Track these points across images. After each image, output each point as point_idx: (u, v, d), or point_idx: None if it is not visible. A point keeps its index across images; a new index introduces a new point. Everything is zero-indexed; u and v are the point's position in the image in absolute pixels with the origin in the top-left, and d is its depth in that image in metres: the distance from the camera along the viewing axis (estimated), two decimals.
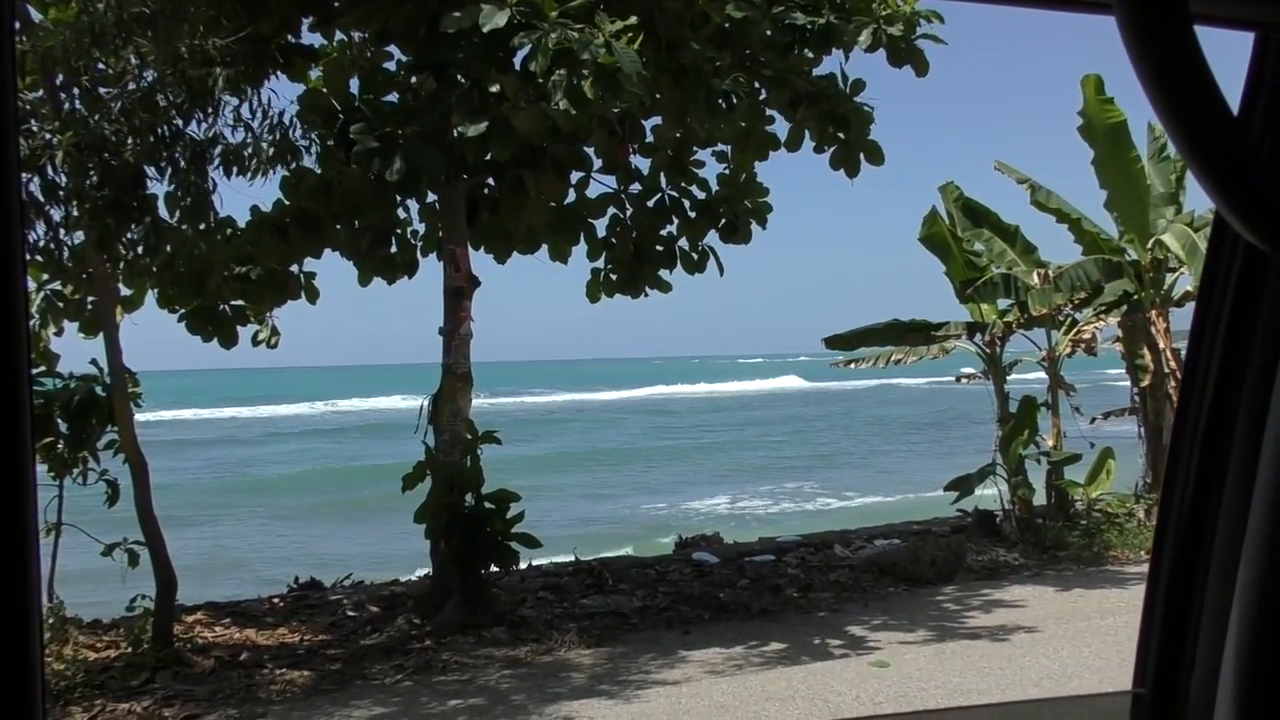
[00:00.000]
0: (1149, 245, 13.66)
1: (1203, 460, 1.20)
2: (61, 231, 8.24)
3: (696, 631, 10.53)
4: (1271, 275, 1.14)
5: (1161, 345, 13.68)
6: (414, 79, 9.04)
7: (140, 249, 8.72)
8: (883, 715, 7.98)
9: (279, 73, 9.16)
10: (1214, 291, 1.24)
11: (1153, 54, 0.81)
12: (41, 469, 9.92)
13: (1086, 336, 14.28)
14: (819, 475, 30.72)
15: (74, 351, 10.21)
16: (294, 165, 9.17)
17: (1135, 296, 13.60)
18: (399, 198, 10.18)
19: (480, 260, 11.52)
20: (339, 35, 9.54)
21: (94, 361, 9.97)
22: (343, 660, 9.79)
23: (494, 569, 11.15)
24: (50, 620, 9.68)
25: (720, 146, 11.47)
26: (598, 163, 11.22)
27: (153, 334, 10.42)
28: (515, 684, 9.25)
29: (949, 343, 14.26)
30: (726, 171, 11.66)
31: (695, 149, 11.44)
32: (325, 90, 9.23)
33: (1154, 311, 13.79)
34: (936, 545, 12.73)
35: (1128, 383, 14.71)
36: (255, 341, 10.58)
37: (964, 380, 15.20)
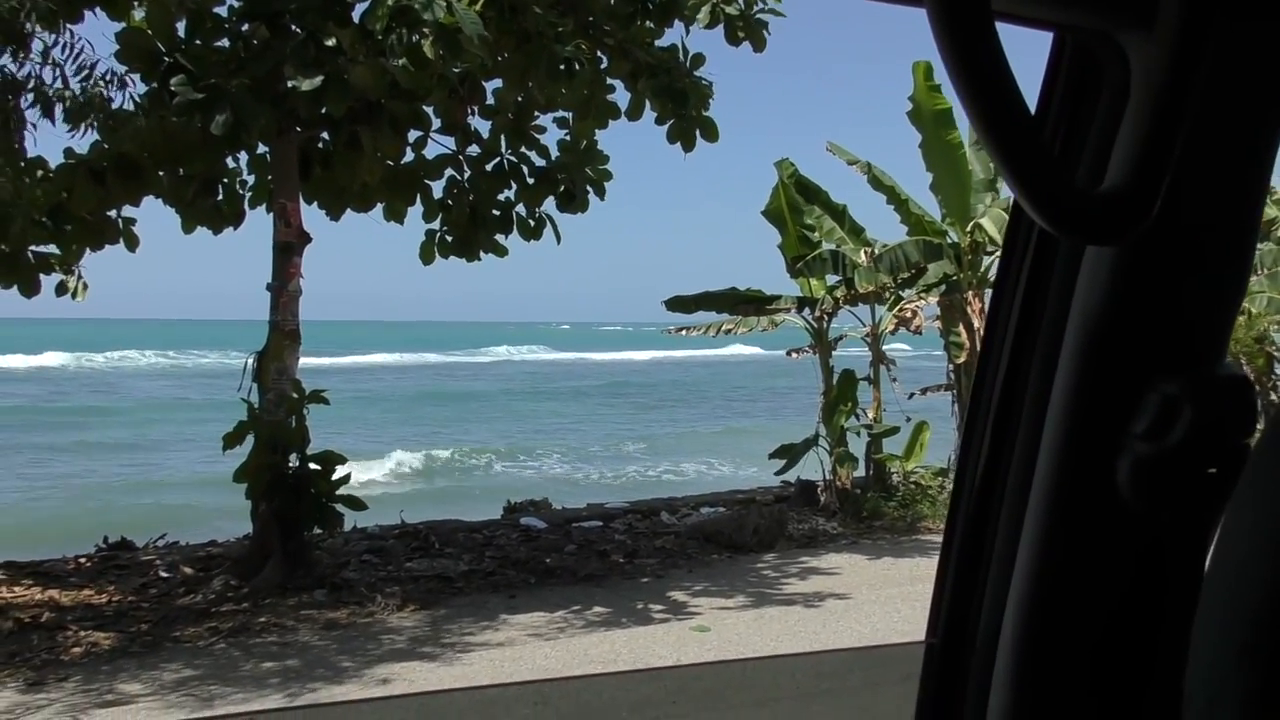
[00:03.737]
0: (969, 229, 14.24)
1: (994, 433, 1.29)
2: None
3: (521, 596, 10.59)
4: (1060, 260, 1.23)
5: (976, 325, 14.30)
6: (245, 26, 8.71)
7: None
8: (702, 663, 8.22)
9: (99, 9, 8.69)
10: (1009, 273, 1.32)
11: (958, 49, 0.86)
12: None
13: (908, 315, 14.82)
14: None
15: None
16: (111, 111, 8.73)
17: (954, 278, 14.16)
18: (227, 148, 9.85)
19: (315, 216, 11.23)
20: None
21: None
22: (152, 622, 9.50)
23: (317, 531, 10.98)
24: None
25: (562, 113, 11.43)
26: (436, 123, 11.04)
27: None
28: (334, 646, 9.15)
29: (779, 315, 14.60)
30: (567, 139, 11.63)
31: (536, 114, 11.37)
32: (149, 30, 8.82)
33: (970, 292, 14.40)
34: (760, 514, 13.07)
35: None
36: (60, 291, 10.08)
37: (794, 354, 15.57)
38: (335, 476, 10.76)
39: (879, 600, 10.34)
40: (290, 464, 10.69)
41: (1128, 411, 1.11)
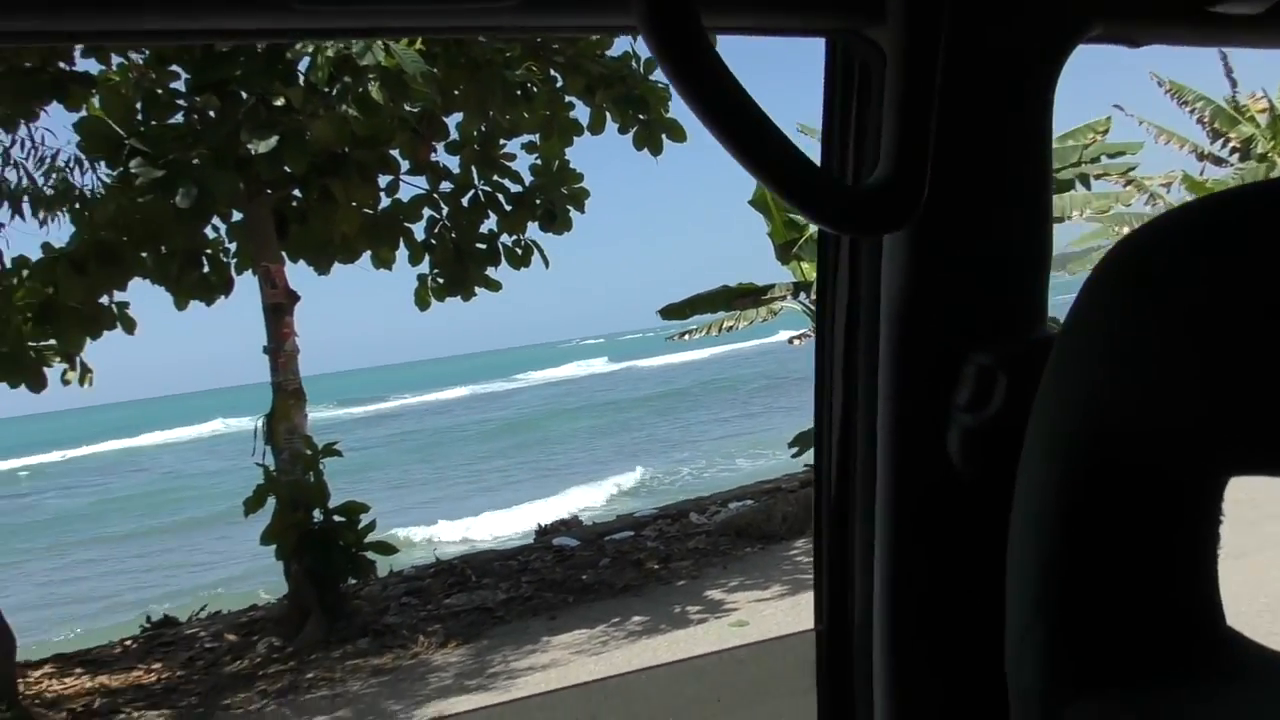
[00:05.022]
0: None
1: (843, 422, 1.34)
2: None
3: (562, 616, 10.66)
4: (866, 250, 1.28)
5: None
6: (196, 99, 8.85)
7: None
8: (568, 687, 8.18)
9: (55, 102, 8.85)
10: (827, 265, 1.38)
11: (681, 74, 0.89)
12: None
13: None
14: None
15: None
16: (80, 198, 8.89)
17: None
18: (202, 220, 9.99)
19: (303, 272, 11.36)
20: (116, 59, 9.24)
21: None
22: (203, 693, 9.63)
23: (351, 581, 11.09)
24: None
25: (528, 137, 11.53)
26: (405, 165, 11.16)
27: None
28: (382, 691, 9.26)
29: (776, 304, 14.59)
30: (538, 162, 11.72)
31: (502, 142, 11.46)
32: (106, 118, 8.97)
33: None
34: (786, 501, 13.09)
35: None
36: (65, 381, 10.25)
37: (795, 341, 15.54)
38: (360, 525, 10.88)
39: None
40: (314, 519, 10.80)
41: (950, 386, 1.16)
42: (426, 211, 11.67)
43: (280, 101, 8.51)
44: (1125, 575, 0.64)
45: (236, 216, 10.61)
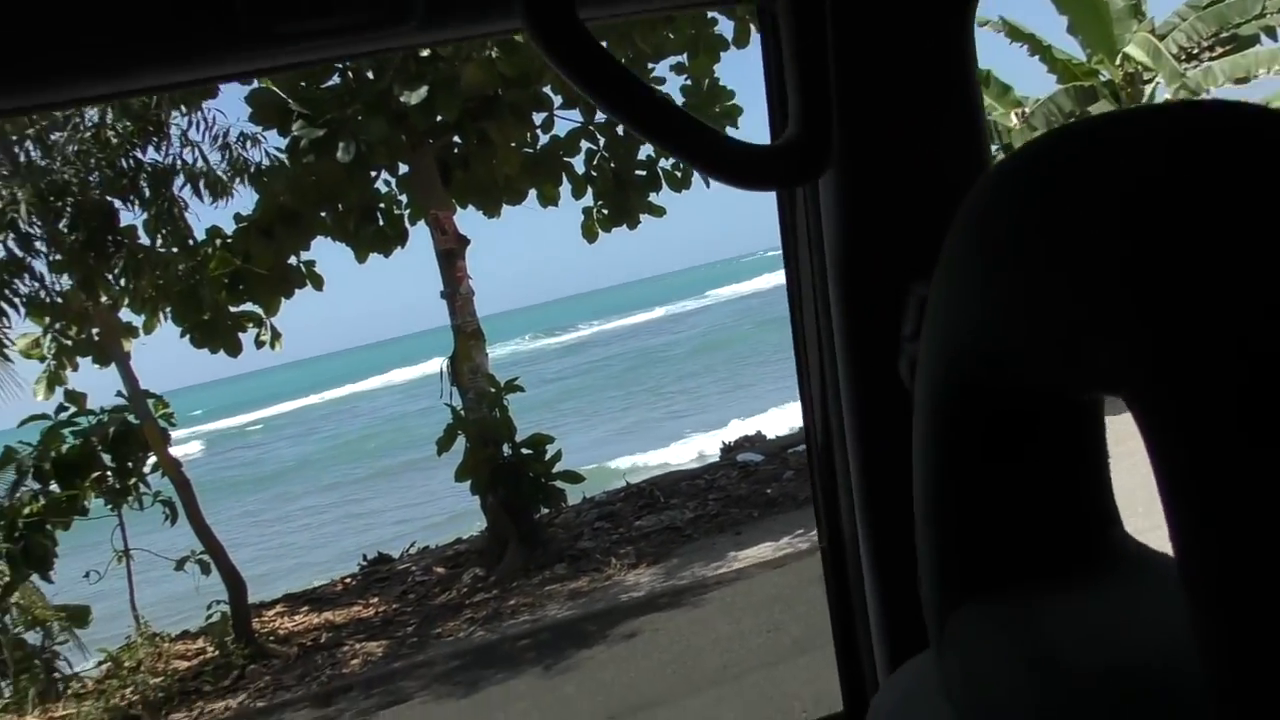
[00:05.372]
0: (1118, 62, 13.45)
1: (822, 363, 1.41)
2: (47, 278, 8.64)
3: (747, 531, 10.81)
4: (813, 201, 1.33)
5: None
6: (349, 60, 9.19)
7: (124, 280, 9.10)
8: None
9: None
10: (784, 220, 1.43)
11: (564, 62, 0.96)
12: (98, 502, 10.38)
13: None
14: None
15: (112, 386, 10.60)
16: (256, 172, 9.38)
17: None
18: (371, 174, 10.41)
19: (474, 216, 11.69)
20: None
21: (120, 393, 10.36)
22: (416, 623, 10.22)
23: (544, 510, 11.50)
24: (140, 640, 10.21)
25: (675, 58, 11.48)
26: (558, 100, 11.29)
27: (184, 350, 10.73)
28: (579, 612, 9.63)
29: None
30: (688, 82, 11.67)
31: (651, 66, 11.45)
32: (274, 87, 9.41)
33: None
34: None
35: None
36: (259, 344, 10.88)
37: None
38: (547, 456, 11.24)
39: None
40: (504, 454, 11.21)
41: (897, 319, 1.20)
42: (584, 144, 11.81)
43: (426, 52, 8.75)
44: (1003, 486, 0.67)
45: (403, 170, 11.00)
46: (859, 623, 1.40)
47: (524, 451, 11.24)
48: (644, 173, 12.01)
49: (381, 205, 11.28)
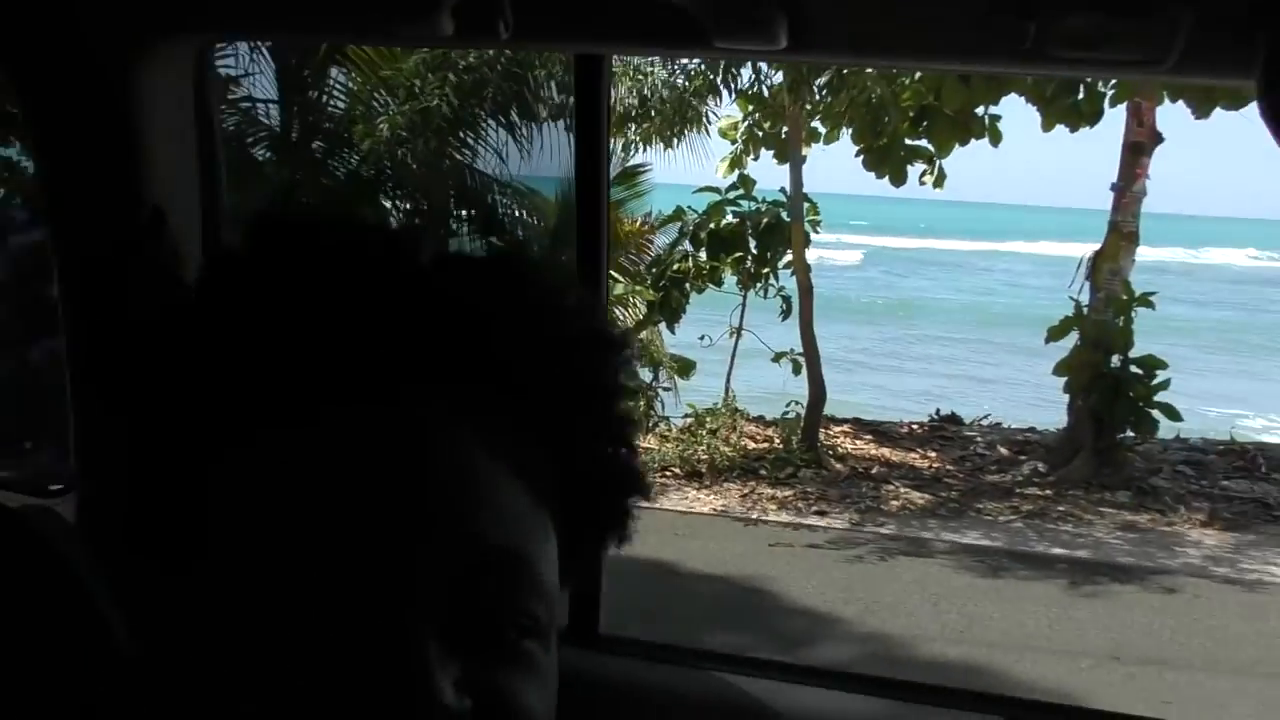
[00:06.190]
0: None
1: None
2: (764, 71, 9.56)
3: None
4: None
5: None
6: None
7: (824, 92, 9.78)
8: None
9: None
10: None
11: None
12: (731, 280, 11.55)
13: None
14: None
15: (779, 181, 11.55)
16: None
17: None
18: None
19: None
20: None
21: (783, 189, 11.26)
22: (962, 491, 10.45)
23: (1130, 434, 11.02)
24: (724, 410, 11.42)
25: None
26: None
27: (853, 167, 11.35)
28: (1125, 546, 9.31)
29: None
30: None
31: None
32: None
33: None
34: None
35: None
36: (921, 180, 11.15)
37: None
38: (1154, 381, 10.68)
39: None
40: (1111, 364, 10.81)
41: None
42: None
43: None
44: None
45: None
46: None
47: (1133, 369, 10.75)
48: None
49: (1086, 80, 10.89)
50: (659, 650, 1.90)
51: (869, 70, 9.78)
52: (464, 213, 11.29)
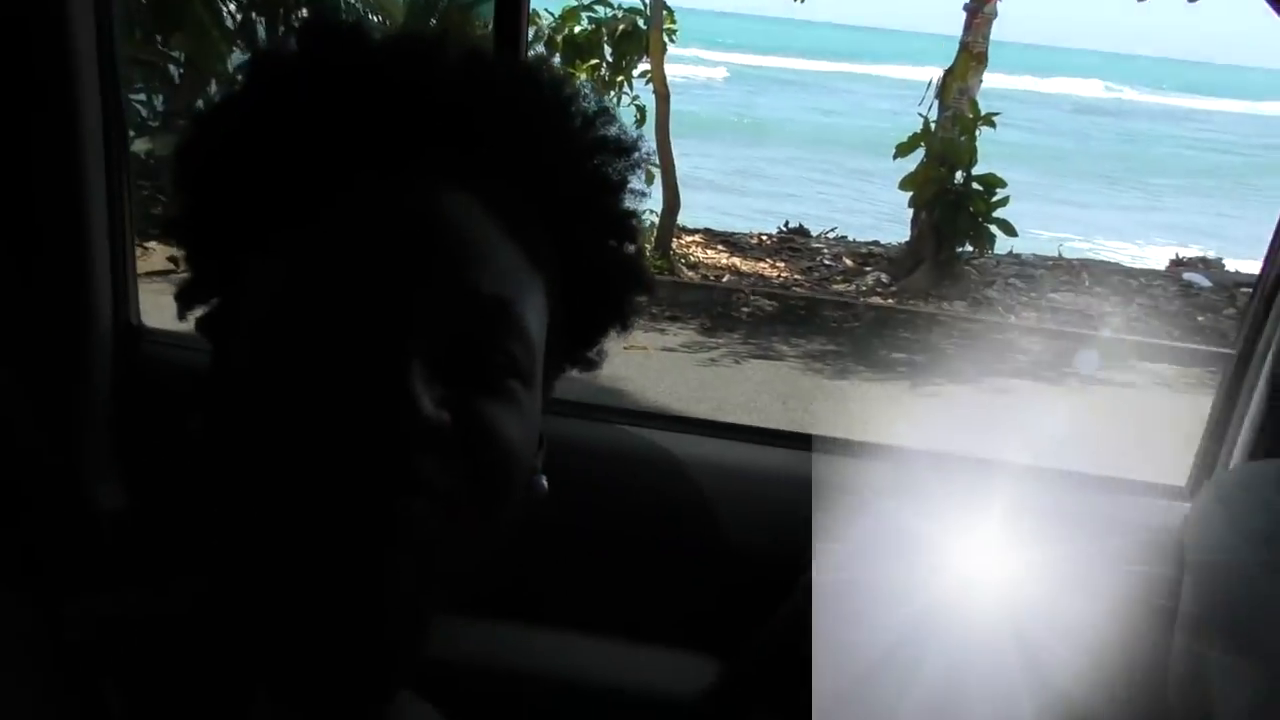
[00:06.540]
0: None
1: None
2: None
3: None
4: None
5: None
6: None
7: None
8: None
9: None
10: None
11: None
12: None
13: None
14: None
15: None
16: None
17: None
18: None
19: None
20: None
21: None
22: (809, 299, 10.77)
23: (968, 248, 11.48)
24: None
25: None
26: None
27: None
28: (959, 352, 9.78)
29: None
30: None
31: None
32: None
33: None
34: None
35: None
36: None
37: None
38: (994, 198, 11.08)
39: None
40: (954, 181, 11.15)
41: None
42: None
43: None
44: None
45: None
46: None
47: (974, 186, 11.12)
48: None
49: None
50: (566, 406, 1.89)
51: None
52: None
